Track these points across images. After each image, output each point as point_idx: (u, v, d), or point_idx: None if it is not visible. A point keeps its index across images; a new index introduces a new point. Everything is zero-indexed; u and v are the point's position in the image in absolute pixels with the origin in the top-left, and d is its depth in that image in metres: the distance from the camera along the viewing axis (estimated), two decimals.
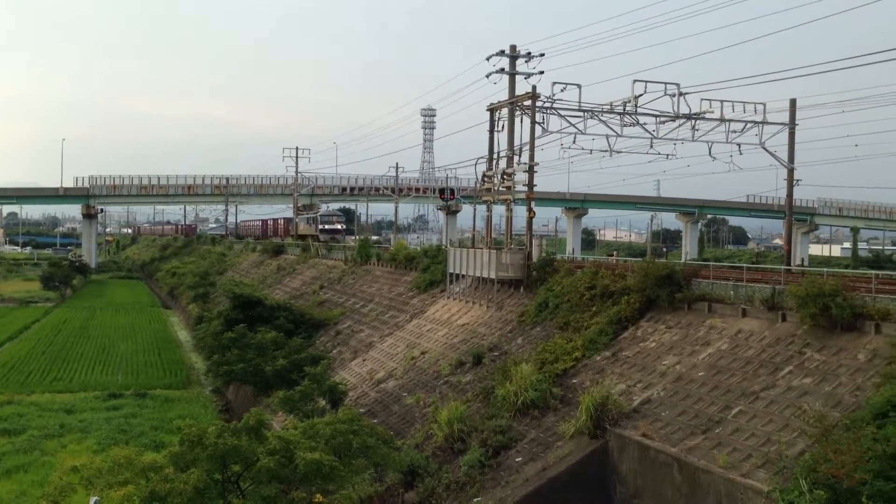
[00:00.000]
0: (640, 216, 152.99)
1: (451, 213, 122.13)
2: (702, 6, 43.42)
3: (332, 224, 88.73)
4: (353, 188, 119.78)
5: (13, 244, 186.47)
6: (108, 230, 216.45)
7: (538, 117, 35.53)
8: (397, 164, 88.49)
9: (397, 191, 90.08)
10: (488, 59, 39.62)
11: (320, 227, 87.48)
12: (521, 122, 36.53)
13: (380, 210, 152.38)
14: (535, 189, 36.41)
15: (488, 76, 39.65)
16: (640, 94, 36.14)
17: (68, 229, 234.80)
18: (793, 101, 39.45)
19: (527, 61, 39.11)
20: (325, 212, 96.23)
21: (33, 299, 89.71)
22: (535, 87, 35.84)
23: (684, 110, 37.16)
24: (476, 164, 41.07)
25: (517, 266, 34.69)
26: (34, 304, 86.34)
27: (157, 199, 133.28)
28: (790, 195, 41.39)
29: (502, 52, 39.27)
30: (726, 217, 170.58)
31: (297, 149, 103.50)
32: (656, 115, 37.47)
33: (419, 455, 23.37)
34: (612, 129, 37.48)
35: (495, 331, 31.84)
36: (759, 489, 15.45)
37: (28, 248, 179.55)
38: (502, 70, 39.27)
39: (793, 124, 39.27)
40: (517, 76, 39.07)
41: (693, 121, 37.93)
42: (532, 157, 35.55)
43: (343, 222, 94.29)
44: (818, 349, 19.76)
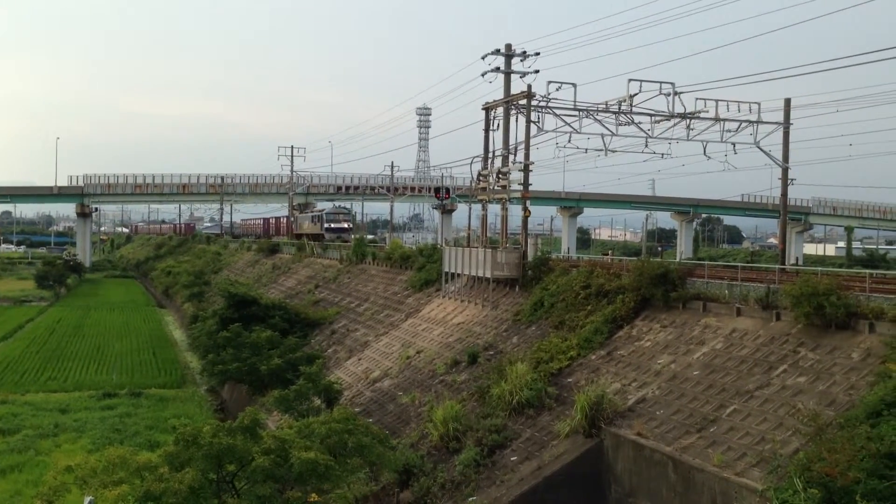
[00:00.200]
0: (636, 215, 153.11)
1: (447, 212, 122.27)
2: (696, 6, 43.56)
3: (338, 222, 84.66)
4: (348, 187, 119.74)
5: (7, 243, 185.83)
6: (102, 229, 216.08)
7: (533, 116, 35.55)
8: (392, 162, 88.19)
9: (393, 190, 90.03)
10: (483, 58, 39.69)
11: (326, 225, 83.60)
12: (517, 121, 36.62)
13: (375, 209, 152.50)
14: (531, 188, 36.42)
15: (483, 75, 39.72)
16: (635, 94, 36.22)
17: (65, 228, 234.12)
18: (787, 101, 39.53)
19: (522, 60, 39.18)
20: (330, 209, 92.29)
21: (27, 298, 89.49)
22: (530, 87, 35.87)
23: (679, 110, 37.26)
24: (471, 163, 41.19)
25: (512, 265, 34.72)
26: (28, 303, 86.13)
27: (151, 199, 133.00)
28: (784, 194, 41.48)
29: (497, 51, 39.32)
30: (721, 216, 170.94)
31: (292, 147, 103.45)
32: (651, 115, 37.55)
33: (414, 454, 23.38)
34: (607, 128, 37.58)
35: (490, 330, 31.85)
36: (754, 488, 15.49)
37: (22, 246, 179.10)
38: (497, 69, 39.32)
39: (787, 124, 39.34)
40: (512, 75, 39.12)
41: (688, 120, 38.00)
42: (527, 156, 35.56)
43: (350, 220, 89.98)
44: (812, 348, 19.81)
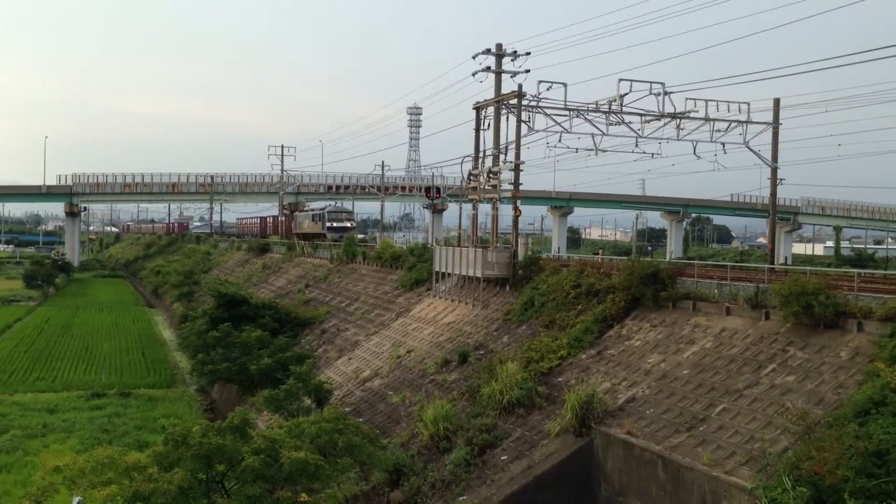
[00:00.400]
0: (626, 215, 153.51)
1: (437, 211, 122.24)
2: (686, 6, 43.71)
3: (340, 221, 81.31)
4: (338, 186, 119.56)
5: None
6: (91, 228, 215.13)
7: (524, 116, 35.58)
8: (383, 162, 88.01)
9: (383, 189, 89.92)
10: (474, 57, 39.68)
11: (328, 224, 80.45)
12: (507, 120, 36.62)
13: (365, 208, 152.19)
14: (521, 188, 36.45)
15: (474, 75, 39.72)
16: (626, 94, 36.27)
17: (54, 228, 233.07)
18: (776, 101, 39.71)
19: (513, 60, 39.21)
20: (332, 208, 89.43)
21: (15, 298, 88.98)
22: (521, 86, 35.89)
23: (669, 109, 37.33)
24: (462, 162, 41.16)
25: (503, 265, 34.74)
26: (16, 302, 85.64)
27: (141, 198, 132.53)
28: (774, 194, 41.67)
29: (488, 51, 39.32)
30: (711, 216, 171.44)
31: (282, 147, 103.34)
32: (641, 115, 37.61)
33: (405, 454, 23.37)
34: (597, 127, 37.62)
35: (481, 329, 31.86)
36: (743, 486, 15.54)
37: (10, 246, 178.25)
38: (488, 69, 39.33)
39: (776, 124, 39.51)
40: (503, 75, 39.13)
41: (678, 120, 38.09)
42: (518, 155, 35.59)
43: (353, 220, 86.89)
44: (801, 347, 19.90)
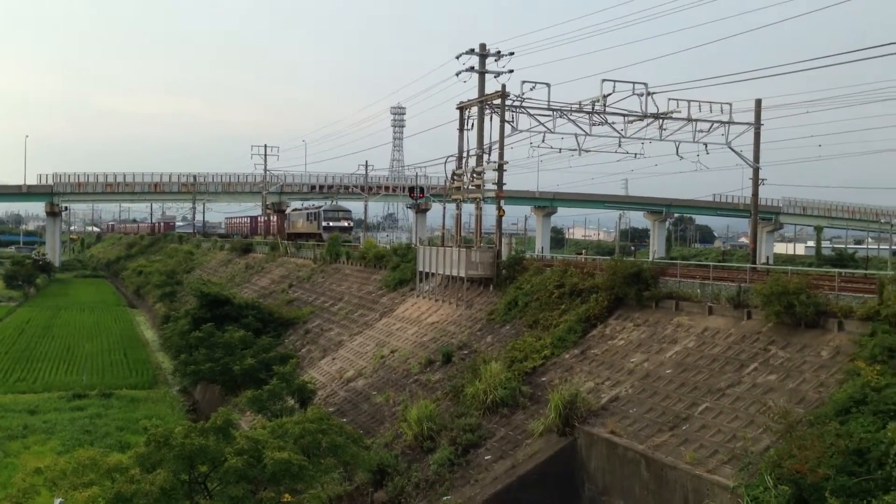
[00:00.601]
0: (609, 215, 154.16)
1: (421, 211, 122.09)
2: (669, 7, 43.85)
3: (337, 221, 78.24)
4: (322, 186, 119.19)
5: None
6: (72, 228, 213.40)
7: (508, 116, 35.62)
8: (367, 162, 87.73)
9: (367, 189, 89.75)
10: (458, 57, 39.70)
11: (324, 224, 77.67)
12: (491, 120, 36.62)
13: (349, 208, 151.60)
14: (505, 188, 36.50)
15: (458, 74, 39.73)
16: (609, 94, 36.37)
17: (36, 228, 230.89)
18: (758, 102, 39.96)
19: (496, 60, 39.26)
20: (329, 206, 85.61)
21: None
22: (504, 86, 35.95)
23: (652, 110, 37.47)
24: (446, 162, 41.17)
25: (487, 264, 34.77)
26: None
27: (122, 198, 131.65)
28: (755, 194, 41.94)
29: (472, 51, 39.36)
30: (693, 216, 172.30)
31: (265, 146, 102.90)
32: (624, 115, 37.72)
33: (389, 454, 23.35)
34: (580, 128, 37.69)
35: (465, 329, 31.88)
36: (725, 485, 15.64)
37: None
38: (472, 69, 39.36)
39: (758, 124, 39.76)
40: (487, 75, 39.18)
41: (661, 120, 38.24)
42: (501, 155, 35.63)
43: (351, 219, 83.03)
44: (783, 346, 20.04)
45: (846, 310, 19.52)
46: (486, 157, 37.03)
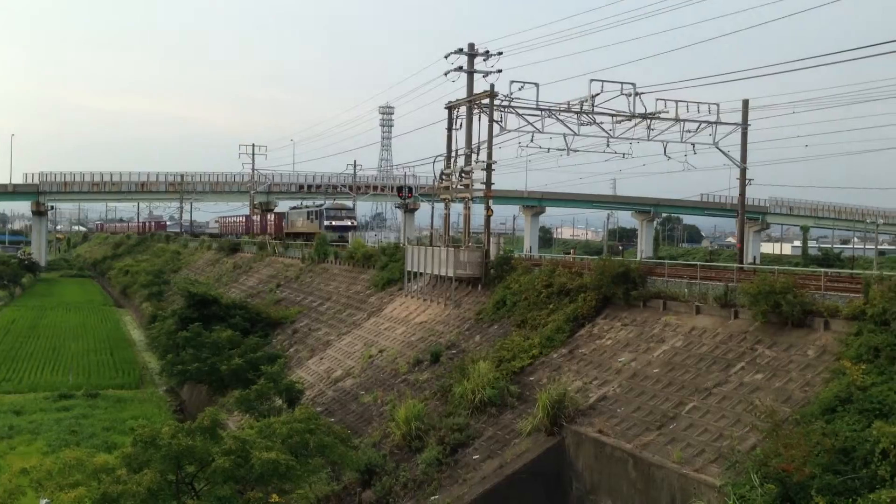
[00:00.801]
0: (597, 214, 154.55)
1: (410, 211, 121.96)
2: (657, 7, 44.01)
3: (341, 220, 73.65)
4: (310, 186, 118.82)
5: None
6: (58, 228, 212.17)
7: (496, 116, 35.64)
8: (355, 161, 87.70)
9: (355, 188, 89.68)
10: (446, 56, 39.69)
11: (326, 223, 72.97)
12: (480, 120, 36.63)
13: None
14: (493, 187, 36.53)
15: (447, 74, 39.72)
16: (597, 94, 36.43)
17: (22, 227, 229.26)
18: (745, 102, 40.14)
19: (485, 60, 39.27)
20: (331, 205, 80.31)
21: None
22: (493, 86, 35.97)
23: (640, 110, 37.56)
24: (434, 162, 41.17)
25: (475, 264, 34.79)
26: None
27: (109, 197, 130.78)
28: (742, 194, 42.13)
29: (461, 51, 39.36)
30: (681, 215, 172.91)
31: (253, 146, 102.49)
32: (613, 115, 37.80)
33: (377, 454, 23.32)
34: (569, 128, 37.75)
35: (453, 329, 31.89)
36: (712, 484, 15.70)
37: None
38: (460, 68, 39.36)
39: (745, 124, 39.94)
40: (475, 74, 39.19)
41: (648, 120, 38.35)
42: (490, 155, 35.65)
43: (354, 218, 78.39)
44: (769, 346, 20.14)
45: (832, 309, 19.63)
46: (474, 156, 37.04)
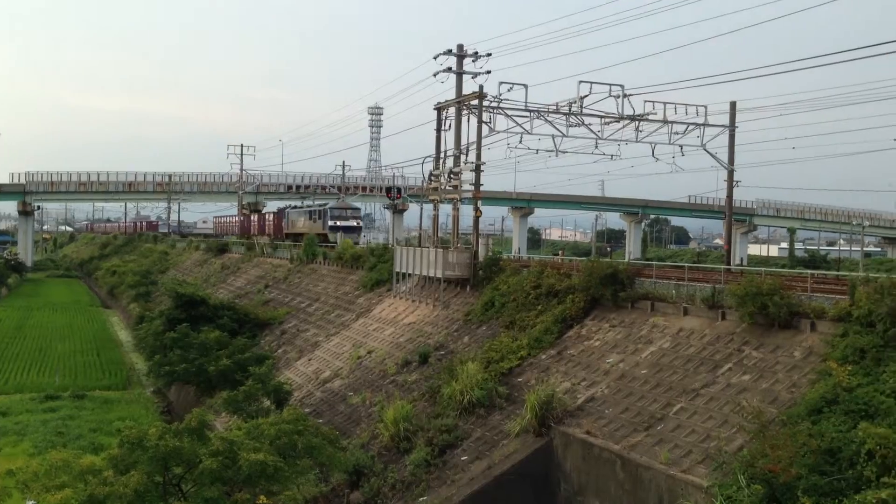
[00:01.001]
0: (585, 216, 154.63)
1: (398, 211, 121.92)
2: (647, 9, 44.20)
3: (346, 220, 69.60)
4: (299, 186, 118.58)
5: None
6: (45, 228, 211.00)
7: (485, 117, 35.67)
8: (344, 162, 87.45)
9: (344, 189, 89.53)
10: (435, 57, 39.72)
11: (331, 223, 69.05)
12: (468, 121, 36.67)
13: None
14: (482, 188, 36.56)
15: (435, 75, 39.76)
16: (586, 95, 36.52)
17: (9, 227, 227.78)
18: (733, 104, 40.34)
19: (474, 61, 39.32)
20: (335, 204, 75.63)
21: None
22: (482, 87, 36.01)
23: (628, 112, 37.66)
24: (423, 162, 41.16)
25: (463, 265, 34.81)
26: None
27: (97, 197, 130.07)
28: (730, 196, 42.34)
29: (449, 52, 39.39)
30: (669, 217, 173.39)
31: (241, 146, 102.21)
32: (601, 116, 37.91)
33: (365, 455, 23.30)
34: (557, 129, 37.82)
35: (441, 330, 31.89)
36: (699, 484, 15.76)
37: None
38: (449, 69, 39.40)
39: (733, 126, 40.14)
40: (464, 75, 39.23)
41: (637, 122, 38.46)
42: (479, 156, 35.69)
43: (360, 218, 74.22)
44: (756, 347, 20.24)
45: (818, 311, 19.74)
46: (463, 157, 37.06)
